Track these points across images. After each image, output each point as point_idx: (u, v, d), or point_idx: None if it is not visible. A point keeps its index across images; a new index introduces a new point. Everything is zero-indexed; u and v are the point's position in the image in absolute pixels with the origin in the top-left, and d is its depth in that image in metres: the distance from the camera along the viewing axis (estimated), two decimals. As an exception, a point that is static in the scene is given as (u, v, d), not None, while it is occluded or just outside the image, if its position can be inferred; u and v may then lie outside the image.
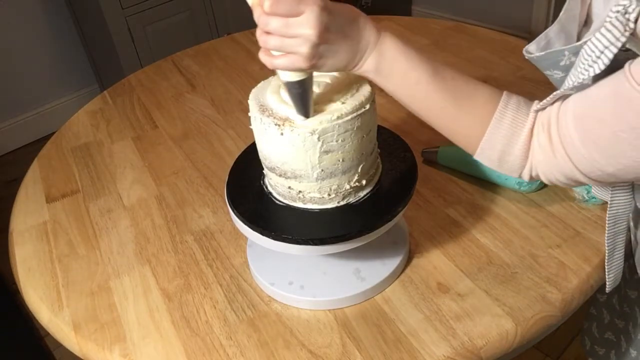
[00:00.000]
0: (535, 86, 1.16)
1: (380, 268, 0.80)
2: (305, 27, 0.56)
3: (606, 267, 0.76)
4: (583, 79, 0.53)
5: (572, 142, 0.55)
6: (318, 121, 0.65)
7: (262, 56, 0.61)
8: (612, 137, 0.51)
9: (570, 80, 0.56)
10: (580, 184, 0.59)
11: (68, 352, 0.83)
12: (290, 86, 0.63)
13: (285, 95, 0.68)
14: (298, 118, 0.65)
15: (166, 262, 0.89)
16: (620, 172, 0.54)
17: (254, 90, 0.73)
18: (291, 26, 0.56)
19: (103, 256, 0.91)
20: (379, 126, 0.77)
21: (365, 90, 0.69)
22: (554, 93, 0.57)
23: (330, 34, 0.57)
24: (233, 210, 0.76)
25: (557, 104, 0.57)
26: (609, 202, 0.72)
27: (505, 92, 0.62)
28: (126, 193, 1.04)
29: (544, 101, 0.58)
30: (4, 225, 1.04)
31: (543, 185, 0.92)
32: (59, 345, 0.90)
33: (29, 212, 1.03)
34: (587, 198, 0.88)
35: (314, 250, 0.72)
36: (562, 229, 0.86)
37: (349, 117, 0.66)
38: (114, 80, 1.54)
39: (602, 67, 0.51)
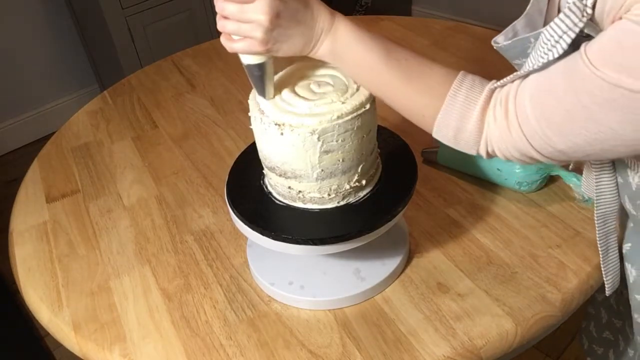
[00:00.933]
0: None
1: (380, 268, 0.80)
2: (257, 12, 0.59)
3: (602, 268, 0.76)
4: (542, 62, 0.55)
5: (527, 117, 0.56)
6: (318, 121, 0.65)
7: (223, 40, 0.64)
8: (564, 114, 0.53)
9: (531, 63, 0.58)
10: (534, 161, 0.60)
11: (68, 352, 0.83)
12: (250, 69, 0.66)
13: (285, 93, 0.69)
14: (265, 103, 0.68)
15: (166, 262, 0.89)
16: (570, 150, 0.55)
17: (253, 91, 0.73)
18: (245, 12, 0.59)
19: (103, 256, 0.91)
20: (379, 126, 0.77)
21: (366, 90, 0.69)
22: (515, 74, 0.59)
23: (283, 19, 0.60)
24: (233, 210, 0.76)
25: (517, 82, 0.59)
26: (595, 202, 0.72)
27: (461, 72, 0.63)
28: (126, 193, 1.04)
29: (504, 79, 0.60)
30: (4, 225, 1.04)
31: (543, 185, 0.92)
32: (59, 345, 0.90)
33: (29, 212, 1.03)
34: (587, 198, 0.88)
35: (314, 250, 0.72)
36: (562, 229, 0.86)
37: (349, 117, 0.66)
38: (114, 80, 1.54)
39: (560, 52, 0.53)
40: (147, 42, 2.37)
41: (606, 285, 0.77)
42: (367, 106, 0.68)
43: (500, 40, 0.63)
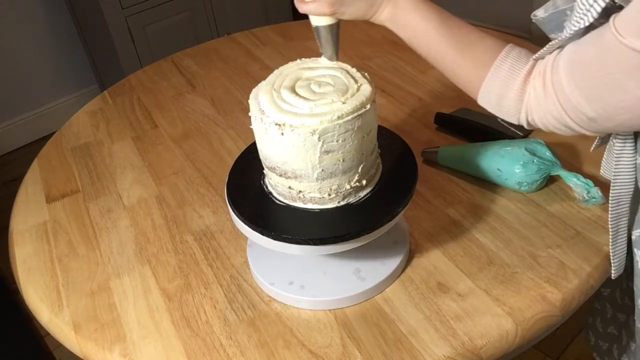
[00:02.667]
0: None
1: (380, 268, 0.80)
2: None
3: (610, 250, 0.76)
4: (575, 30, 0.58)
5: (562, 86, 0.59)
6: (318, 121, 0.65)
7: (296, 2, 0.71)
8: (594, 82, 0.56)
9: (566, 31, 0.60)
10: (572, 131, 0.62)
11: (68, 352, 0.83)
12: (318, 30, 0.72)
13: (285, 93, 0.69)
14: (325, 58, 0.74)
15: (166, 262, 0.89)
16: (601, 118, 0.58)
17: (254, 90, 0.73)
18: None
19: (103, 256, 0.91)
20: (379, 126, 0.77)
21: (366, 90, 0.69)
22: (551, 43, 0.62)
23: None
24: (233, 210, 0.76)
25: (554, 53, 0.62)
26: (611, 182, 0.73)
27: (510, 44, 0.67)
28: (126, 193, 1.04)
29: (542, 50, 0.63)
30: (4, 225, 1.04)
31: (543, 185, 0.92)
32: (59, 345, 0.90)
33: (29, 212, 1.03)
34: (587, 198, 0.88)
35: (314, 250, 0.72)
36: (562, 229, 0.86)
37: (350, 117, 0.66)
38: (114, 80, 1.54)
39: (592, 19, 0.56)
40: (147, 42, 2.38)
41: (612, 268, 0.78)
42: (368, 106, 0.68)
43: (540, 14, 0.67)
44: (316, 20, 0.72)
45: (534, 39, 2.62)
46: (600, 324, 0.99)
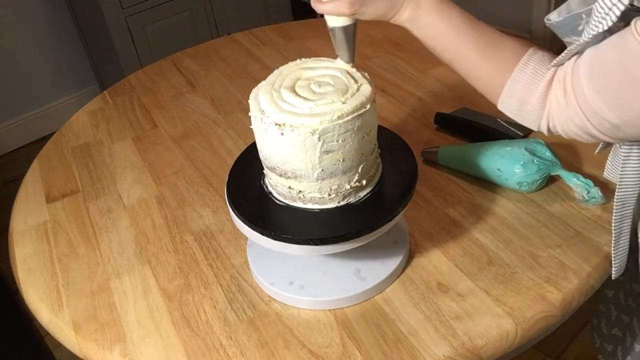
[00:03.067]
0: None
1: (380, 268, 0.80)
2: None
3: (612, 251, 0.76)
4: (593, 34, 0.56)
5: (582, 92, 0.58)
6: (318, 121, 0.65)
7: (313, 3, 0.69)
8: (616, 88, 0.55)
9: (584, 36, 0.59)
10: (594, 138, 0.61)
11: (68, 352, 0.83)
12: (335, 31, 0.71)
13: (285, 93, 0.69)
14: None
15: (166, 262, 0.89)
16: (624, 125, 0.56)
17: (254, 90, 0.73)
18: None
19: (103, 256, 0.91)
20: (379, 126, 0.77)
21: (366, 90, 0.69)
22: (569, 48, 0.61)
23: None
24: (233, 210, 0.76)
25: (573, 59, 0.61)
26: (617, 184, 0.73)
27: (533, 47, 0.66)
28: (126, 193, 1.04)
29: (561, 56, 0.62)
30: (4, 225, 1.04)
31: (543, 185, 0.92)
32: (59, 345, 0.90)
33: (29, 212, 1.03)
34: (587, 198, 0.88)
35: (314, 250, 0.72)
36: (562, 229, 0.86)
37: (350, 117, 0.66)
38: (114, 80, 1.54)
39: (610, 23, 0.55)
40: (147, 42, 2.38)
41: (613, 269, 0.78)
42: (368, 106, 0.68)
43: (553, 18, 0.65)
44: (332, 21, 0.70)
45: (534, 39, 2.62)
46: (605, 326, 0.99)
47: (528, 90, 0.64)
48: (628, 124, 0.56)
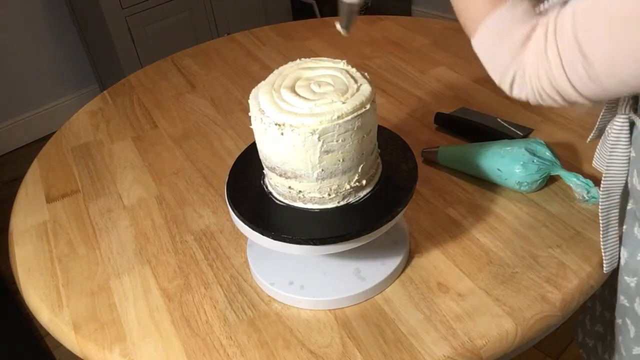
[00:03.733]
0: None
1: (380, 268, 0.80)
2: None
3: (601, 243, 0.76)
4: None
5: (566, 31, 0.54)
6: (318, 121, 0.65)
7: None
8: (607, 25, 0.51)
9: None
10: (562, 96, 0.58)
11: (68, 352, 0.83)
12: (344, 5, 0.79)
13: (285, 93, 0.69)
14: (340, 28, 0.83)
15: (166, 262, 0.89)
16: (604, 72, 0.53)
17: (254, 90, 0.73)
18: None
19: (103, 256, 0.91)
20: (379, 126, 0.77)
21: (366, 90, 0.69)
22: None
23: None
24: (233, 210, 0.76)
25: (557, 7, 0.57)
26: (604, 173, 0.72)
27: None
28: (126, 193, 1.04)
29: (548, 3, 0.59)
30: (4, 225, 1.04)
31: (543, 185, 0.92)
32: (59, 345, 0.90)
33: (29, 212, 1.03)
34: (587, 198, 0.88)
35: (314, 250, 0.72)
36: (562, 229, 0.86)
37: (350, 117, 0.66)
38: (114, 80, 1.54)
39: None
40: (147, 42, 2.38)
41: (604, 263, 0.78)
42: (368, 106, 0.68)
43: None
44: None
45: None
46: (588, 322, 0.99)
47: (511, 27, 0.59)
48: (608, 71, 0.53)
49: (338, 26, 0.82)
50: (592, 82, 0.55)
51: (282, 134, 0.66)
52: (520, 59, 0.60)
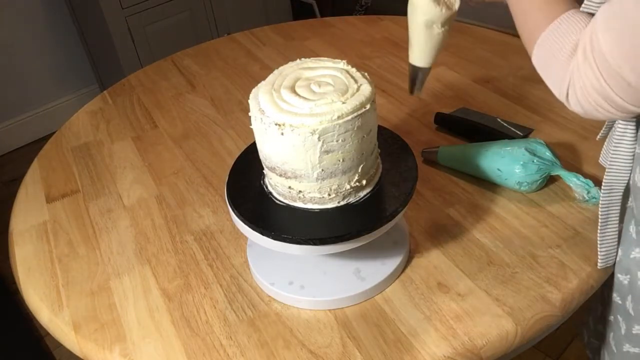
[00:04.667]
0: (535, 85, 1.16)
1: (380, 268, 0.80)
2: None
3: (598, 238, 0.76)
4: None
5: (600, 47, 0.55)
6: (318, 121, 0.65)
7: None
8: (631, 29, 0.52)
9: None
10: (614, 106, 0.58)
11: (68, 352, 0.83)
12: (416, 70, 0.80)
13: (285, 93, 0.69)
14: None
15: (166, 262, 0.89)
16: (638, 79, 0.53)
17: (254, 90, 0.73)
18: None
19: (103, 256, 0.91)
20: (379, 126, 0.77)
21: (366, 90, 0.69)
22: (584, 3, 0.59)
23: None
24: (233, 210, 0.76)
25: (592, 20, 0.59)
26: (607, 168, 0.72)
27: (579, 7, 0.63)
28: (126, 193, 1.04)
29: (583, 10, 0.60)
30: (4, 225, 1.04)
31: (543, 185, 0.92)
32: (59, 345, 0.90)
33: (29, 212, 1.03)
34: (587, 198, 0.88)
35: (314, 250, 0.72)
36: (562, 229, 0.86)
37: (350, 117, 0.66)
38: (114, 80, 1.54)
39: None
40: (147, 42, 2.38)
41: (599, 259, 0.78)
42: (368, 106, 0.68)
43: None
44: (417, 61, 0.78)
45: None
46: (592, 322, 0.99)
47: (561, 43, 0.61)
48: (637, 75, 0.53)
49: (414, 93, 0.82)
50: (635, 90, 0.55)
51: (282, 134, 0.66)
52: (569, 74, 0.60)
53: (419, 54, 0.78)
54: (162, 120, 1.24)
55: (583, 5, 0.61)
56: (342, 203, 0.74)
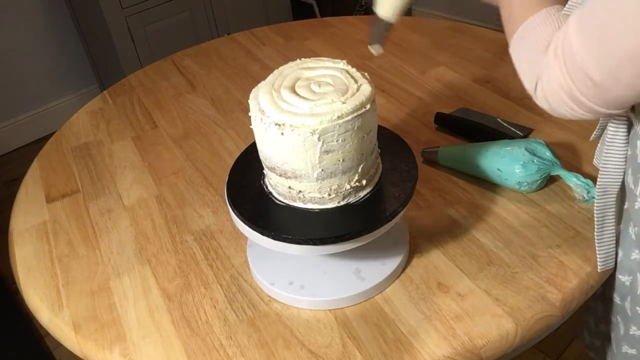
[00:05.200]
0: (535, 86, 1.16)
1: (380, 268, 0.80)
2: None
3: (596, 240, 0.76)
4: None
5: (570, 44, 0.56)
6: (318, 121, 0.65)
7: None
8: (599, 28, 0.53)
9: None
10: (580, 106, 0.58)
11: (68, 352, 0.83)
12: (380, 21, 0.77)
13: (285, 93, 0.69)
14: None
15: (166, 262, 0.89)
16: (606, 80, 0.54)
17: (254, 90, 0.73)
18: None
19: (103, 256, 0.91)
20: (379, 126, 0.77)
21: (366, 90, 0.69)
22: (568, 5, 0.60)
23: None
24: (233, 210, 0.76)
25: (567, 21, 0.59)
26: (600, 170, 0.73)
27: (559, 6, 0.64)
28: (126, 193, 1.04)
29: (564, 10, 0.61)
30: (4, 225, 1.04)
31: (543, 185, 0.92)
32: (59, 345, 0.90)
33: (29, 212, 1.03)
34: (587, 198, 0.88)
35: (314, 250, 0.72)
36: (562, 229, 0.86)
37: (350, 117, 0.66)
38: (114, 80, 1.54)
39: None
40: (147, 42, 2.38)
41: (598, 261, 0.78)
42: (368, 106, 0.68)
43: None
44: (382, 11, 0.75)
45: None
46: (592, 322, 0.99)
47: (534, 38, 0.62)
48: (610, 78, 0.54)
49: (372, 49, 0.79)
50: (602, 90, 0.56)
51: (282, 134, 0.66)
52: (539, 70, 0.61)
53: (386, 4, 0.78)
54: (162, 120, 1.24)
55: (566, 7, 0.61)
56: (342, 203, 0.74)
